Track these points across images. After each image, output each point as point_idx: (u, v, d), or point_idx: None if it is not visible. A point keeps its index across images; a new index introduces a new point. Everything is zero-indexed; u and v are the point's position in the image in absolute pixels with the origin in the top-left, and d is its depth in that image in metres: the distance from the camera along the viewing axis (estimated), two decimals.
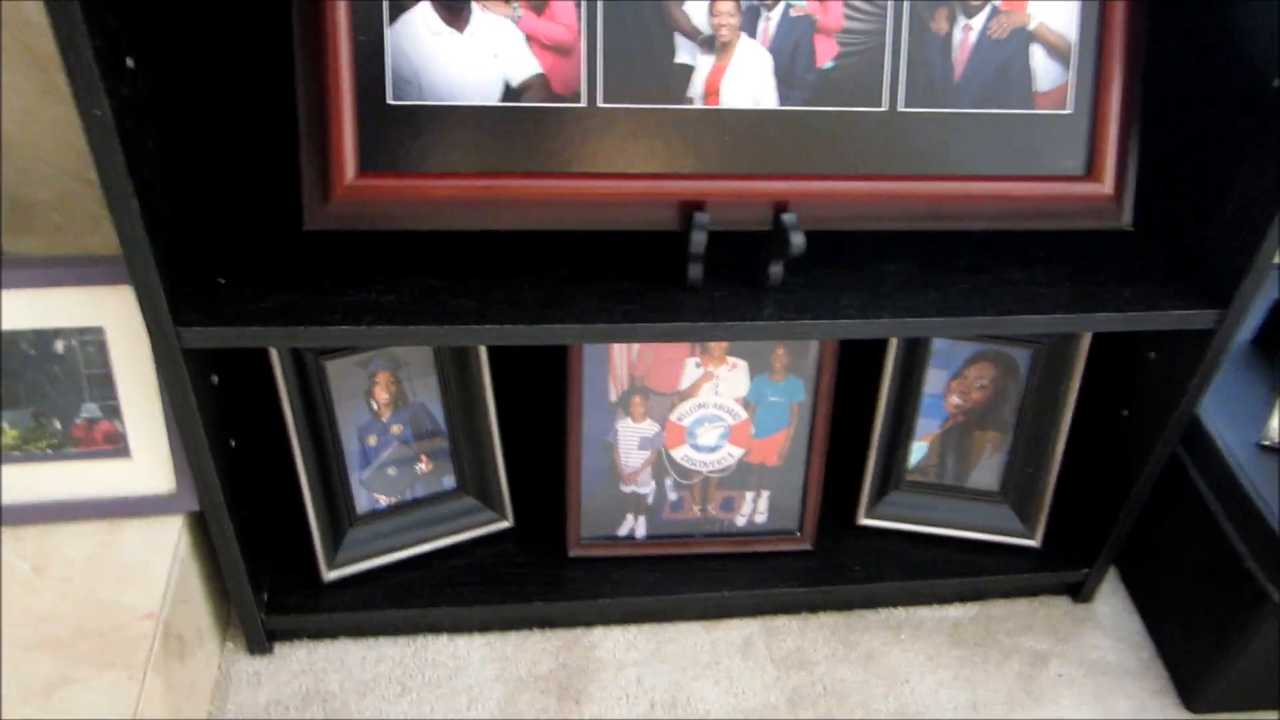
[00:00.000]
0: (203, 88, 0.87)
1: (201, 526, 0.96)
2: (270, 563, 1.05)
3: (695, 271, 0.86)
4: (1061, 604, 1.16)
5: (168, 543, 0.92)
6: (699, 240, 0.83)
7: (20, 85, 0.96)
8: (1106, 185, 0.89)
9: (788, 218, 0.84)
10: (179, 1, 0.83)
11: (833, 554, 1.12)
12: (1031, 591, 1.16)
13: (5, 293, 0.84)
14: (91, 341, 0.87)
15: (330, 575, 1.04)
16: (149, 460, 0.92)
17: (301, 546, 1.03)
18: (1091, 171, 0.89)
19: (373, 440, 1.04)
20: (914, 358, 1.07)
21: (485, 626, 1.08)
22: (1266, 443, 1.02)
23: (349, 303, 0.84)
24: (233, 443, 0.94)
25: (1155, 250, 0.97)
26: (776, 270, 0.87)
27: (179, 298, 0.81)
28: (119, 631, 0.85)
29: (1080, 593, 1.15)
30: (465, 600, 1.05)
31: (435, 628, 1.08)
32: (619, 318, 0.85)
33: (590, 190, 0.84)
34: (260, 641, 1.03)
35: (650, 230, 0.86)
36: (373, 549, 1.06)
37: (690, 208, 0.84)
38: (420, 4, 0.80)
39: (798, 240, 0.83)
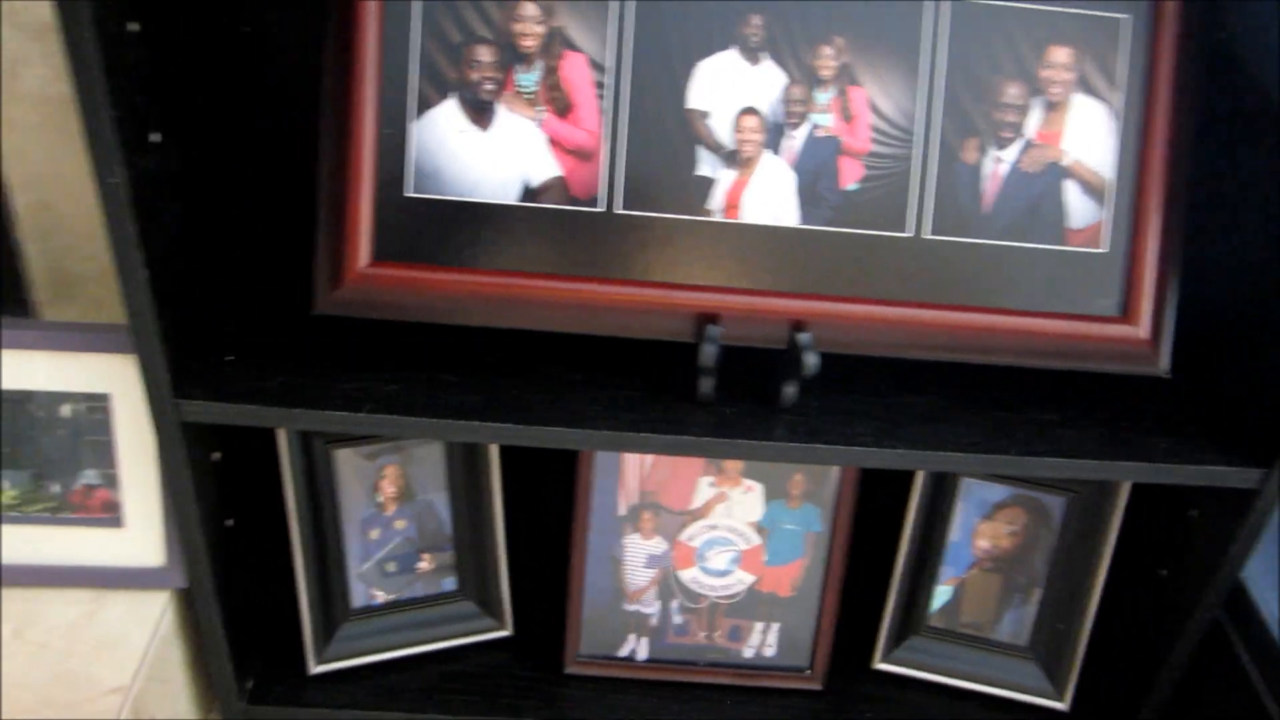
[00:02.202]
0: (226, 166, 0.89)
1: (189, 605, 0.94)
2: (257, 650, 1.03)
3: (706, 385, 0.84)
4: None
5: (150, 618, 0.90)
6: (709, 353, 0.81)
7: (71, 163, 0.99)
8: (1142, 329, 0.85)
9: (803, 337, 0.82)
10: (211, 84, 0.85)
11: (844, 697, 1.06)
12: None
13: (18, 353, 0.86)
14: (97, 408, 0.88)
15: (317, 669, 1.01)
16: (141, 532, 0.91)
17: (291, 636, 1.01)
18: (1127, 314, 0.85)
19: (375, 534, 1.02)
20: (941, 496, 1.03)
21: None
22: None
23: (352, 389, 0.83)
24: (229, 522, 0.93)
25: (1196, 401, 0.92)
26: (790, 390, 0.85)
27: (183, 371, 0.81)
28: (85, 705, 0.83)
29: None
30: (453, 709, 1.01)
31: None
32: (625, 426, 0.83)
33: (604, 295, 0.83)
34: None
35: (664, 340, 0.84)
36: (364, 646, 1.03)
37: (704, 320, 0.83)
38: (447, 102, 0.81)
39: (811, 361, 0.81)
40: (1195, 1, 0.83)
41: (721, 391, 0.86)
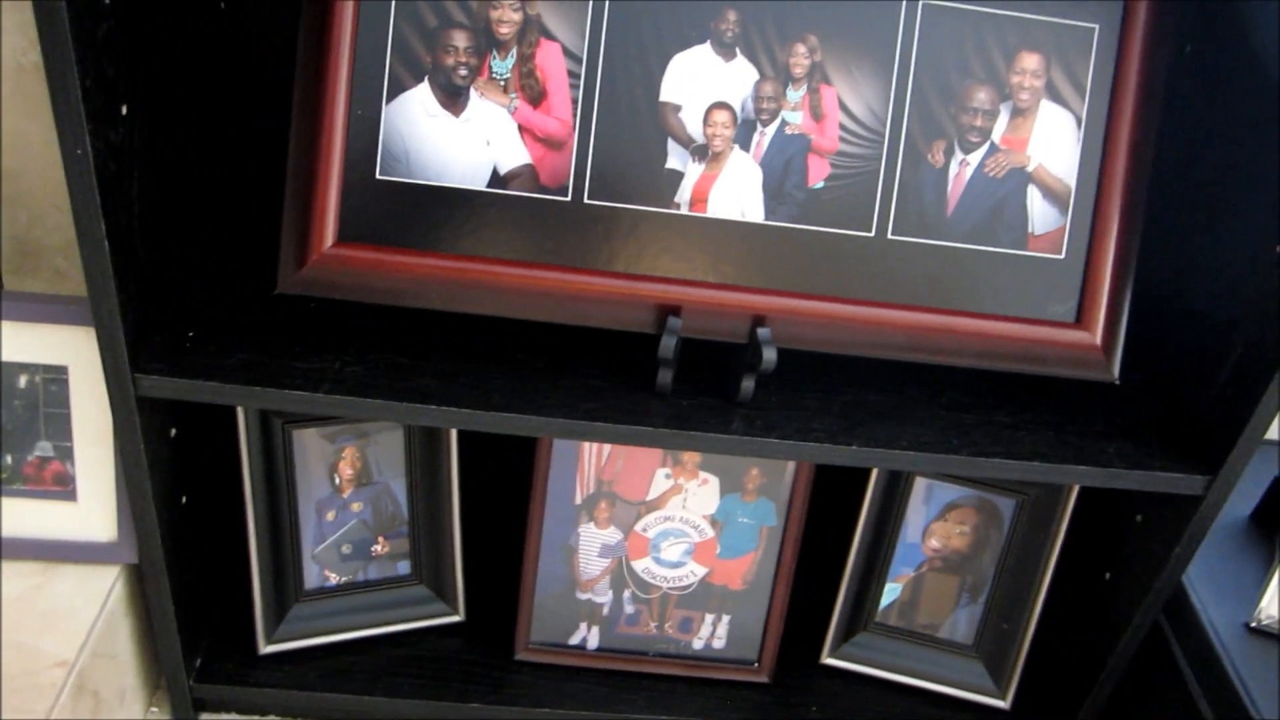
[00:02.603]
0: (196, 141, 0.88)
1: (139, 581, 0.94)
2: (207, 628, 1.02)
3: (664, 377, 0.85)
4: None
5: (99, 592, 0.90)
6: (668, 345, 0.82)
7: (41, 133, 0.98)
8: (1096, 335, 0.87)
9: (762, 332, 0.82)
10: (184, 59, 0.84)
11: (791, 691, 1.07)
12: None
13: None
14: (55, 380, 0.87)
15: (267, 649, 1.00)
16: (94, 506, 0.90)
17: (242, 616, 1.00)
18: (1081, 320, 0.87)
19: (331, 515, 1.02)
20: (895, 495, 1.04)
21: None
22: (1255, 624, 0.96)
23: (312, 369, 0.83)
24: (184, 499, 0.92)
25: (1147, 409, 0.94)
26: (748, 385, 0.85)
27: (142, 346, 0.81)
28: (28, 677, 0.82)
29: None
30: (402, 692, 1.01)
31: (368, 718, 1.03)
32: (583, 415, 0.83)
33: (567, 284, 0.83)
34: (186, 709, 1.00)
35: (626, 331, 0.85)
36: (315, 627, 1.03)
37: (667, 312, 0.83)
38: (420, 86, 0.81)
39: (770, 355, 0.81)
40: (1163, 15, 0.85)
41: (681, 384, 0.87)
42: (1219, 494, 0.88)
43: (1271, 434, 1.21)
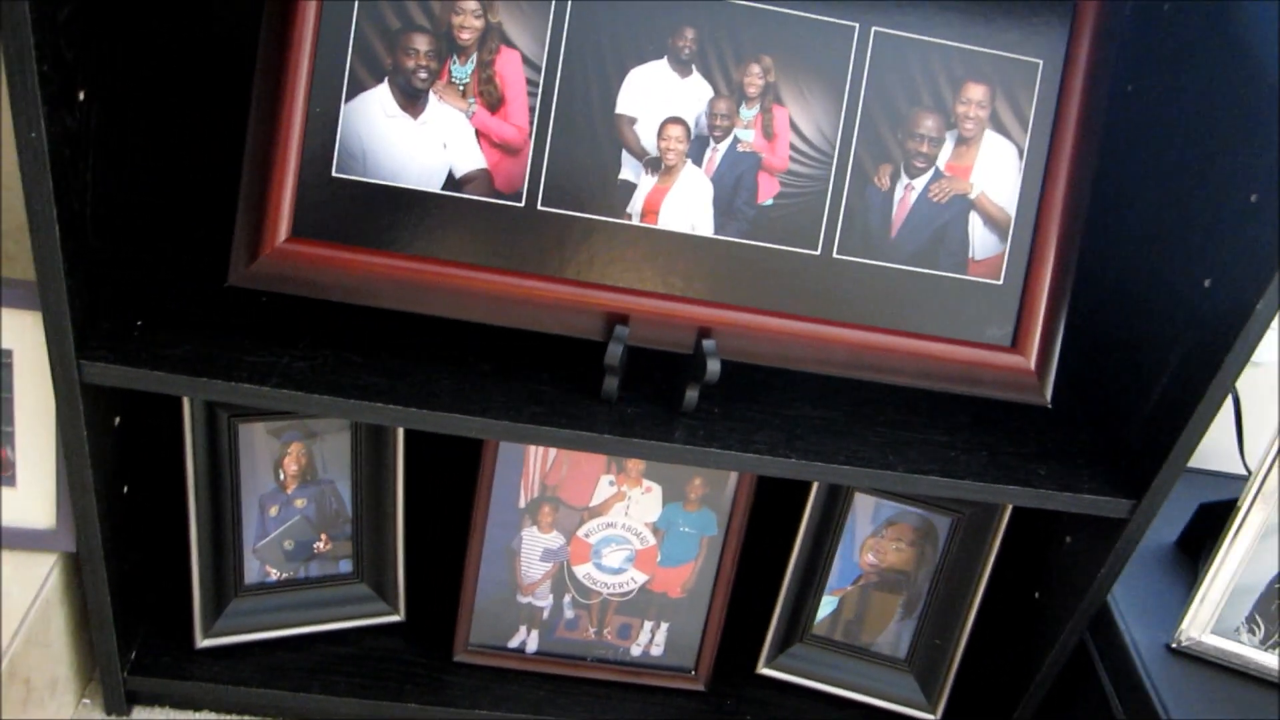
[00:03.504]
0: (153, 131, 0.88)
1: (77, 570, 0.93)
2: (144, 620, 1.02)
3: (610, 384, 0.86)
4: None
5: (35, 580, 0.89)
6: (614, 352, 0.83)
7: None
8: (1030, 360, 0.89)
9: (707, 344, 0.84)
10: (144, 49, 0.85)
11: (726, 699, 1.08)
12: None
13: None
14: None
15: (204, 643, 1.00)
16: (34, 493, 0.90)
17: (180, 609, 1.00)
18: (1016, 344, 0.89)
19: (274, 511, 1.02)
20: (834, 510, 1.06)
21: None
22: (1175, 645, 0.99)
23: (260, 363, 0.83)
24: (126, 489, 0.92)
25: (1078, 434, 0.97)
26: (692, 395, 0.87)
27: (88, 333, 0.81)
28: None
29: None
30: (339, 690, 1.01)
31: (304, 715, 1.03)
32: (528, 419, 0.84)
33: (518, 289, 0.84)
34: (119, 701, 0.99)
35: (574, 338, 0.86)
36: (254, 622, 1.03)
37: (614, 320, 0.85)
38: (379, 86, 0.82)
39: (714, 367, 0.83)
40: (1103, 56, 0.88)
41: (627, 392, 0.88)
42: (1144, 518, 0.91)
43: (1199, 463, 1.25)
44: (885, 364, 0.88)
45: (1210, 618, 0.99)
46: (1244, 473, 1.20)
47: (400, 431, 1.01)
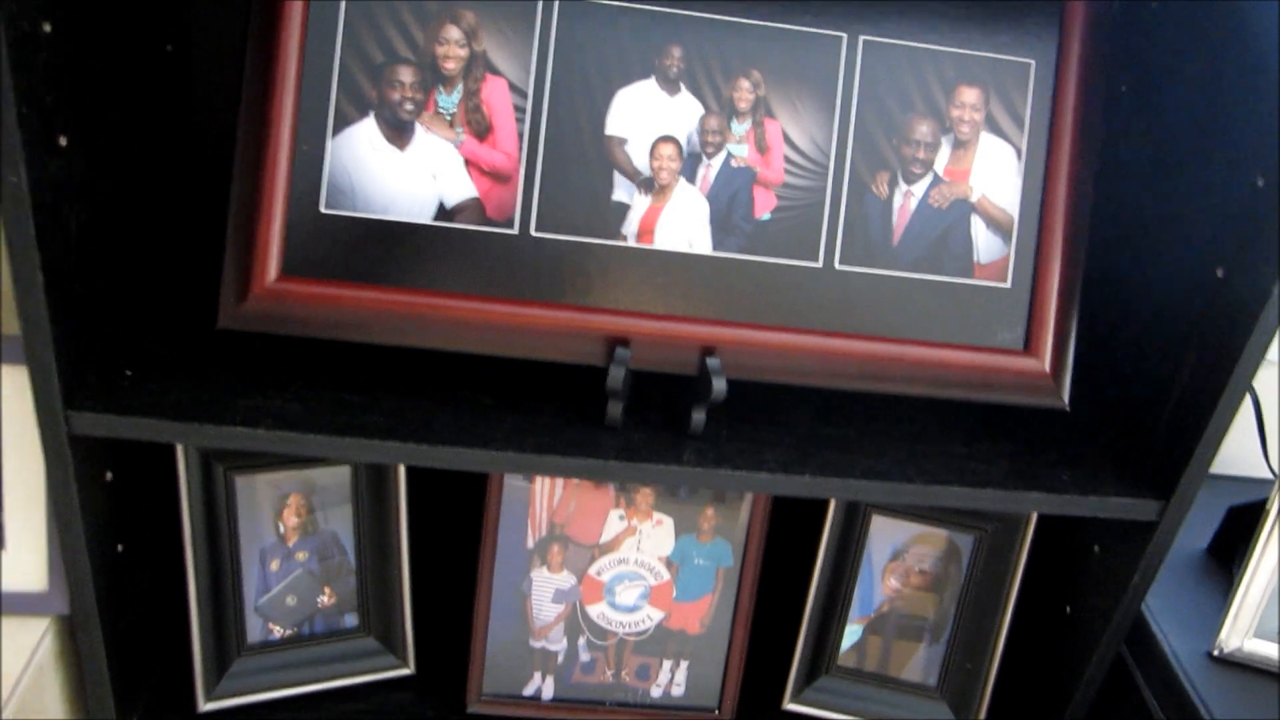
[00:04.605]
0: (136, 176, 0.86)
1: (71, 634, 0.90)
2: (144, 685, 0.98)
3: (614, 410, 0.84)
4: None
5: (26, 646, 0.86)
6: (616, 376, 0.81)
7: None
8: (1044, 362, 0.87)
9: (712, 362, 0.82)
10: (126, 93, 0.84)
11: None
12: None
13: None
14: None
15: (207, 706, 0.97)
16: (24, 554, 0.87)
17: (181, 671, 0.97)
18: (1029, 347, 0.87)
19: (275, 565, 0.99)
20: (852, 535, 1.03)
21: None
22: (1217, 653, 0.96)
23: (253, 406, 0.81)
24: (120, 547, 0.89)
25: (1100, 438, 0.94)
26: (699, 417, 0.84)
27: (76, 383, 0.78)
28: None
29: None
30: None
31: None
32: (531, 448, 0.82)
33: (515, 316, 0.82)
34: None
35: (575, 364, 0.84)
36: (259, 683, 0.99)
37: (615, 344, 0.82)
38: (365, 120, 0.81)
39: (719, 386, 0.81)
40: (1096, 54, 0.87)
41: (632, 418, 0.86)
42: (1173, 519, 0.88)
43: (1223, 469, 1.23)
44: (896, 374, 0.86)
45: (1251, 622, 0.96)
46: (1270, 476, 1.17)
47: (402, 478, 0.98)
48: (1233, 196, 0.82)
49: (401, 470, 0.98)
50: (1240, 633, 0.95)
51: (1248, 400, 1.12)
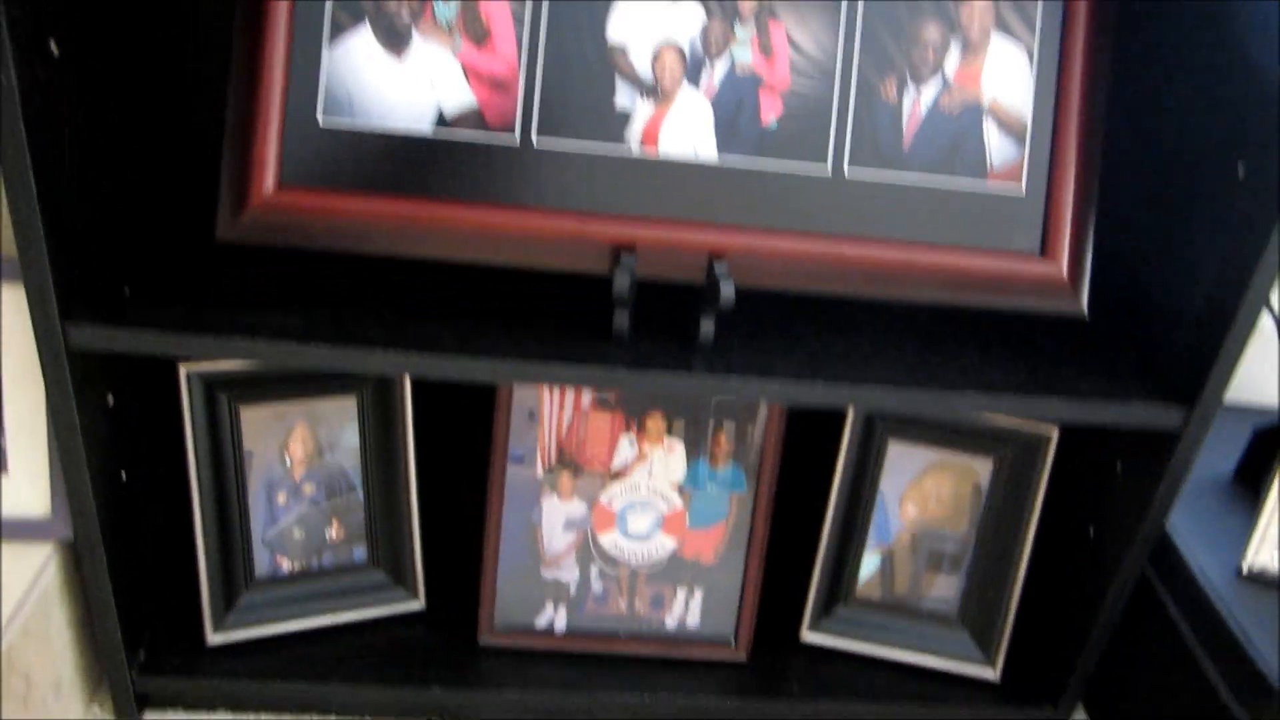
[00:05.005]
0: (131, 86, 0.85)
1: (78, 565, 0.89)
2: (151, 618, 0.97)
3: (620, 319, 0.82)
4: None
5: (30, 570, 0.85)
6: (622, 282, 0.79)
7: None
8: (1061, 267, 0.85)
9: (719, 267, 0.80)
10: (121, 4, 0.82)
11: (770, 669, 1.02)
12: None
13: None
14: None
15: (215, 639, 0.96)
16: (26, 478, 0.86)
17: (189, 605, 0.95)
18: (1046, 252, 0.85)
19: (282, 498, 0.97)
20: (868, 460, 1.01)
21: (379, 711, 0.99)
22: (1245, 570, 0.93)
23: (255, 322, 0.79)
24: (124, 475, 0.88)
25: (1119, 345, 0.92)
26: (707, 326, 0.82)
27: (74, 299, 0.77)
28: None
29: None
30: (361, 679, 0.96)
31: (324, 708, 0.98)
32: (536, 357, 0.80)
33: (518, 224, 0.81)
34: (129, 705, 0.94)
35: (580, 274, 0.82)
36: (267, 616, 0.98)
37: (620, 251, 0.81)
38: (361, 28, 0.80)
39: (727, 291, 0.79)
40: None
41: (639, 331, 0.84)
42: (1197, 429, 0.85)
43: (1247, 398, 1.20)
44: (908, 279, 0.83)
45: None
46: None
47: (409, 407, 0.97)
48: (1253, 85, 0.80)
49: (408, 399, 0.96)
50: (1269, 548, 0.93)
51: (1271, 331, 1.10)
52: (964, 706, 1.02)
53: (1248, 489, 1.05)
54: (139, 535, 0.93)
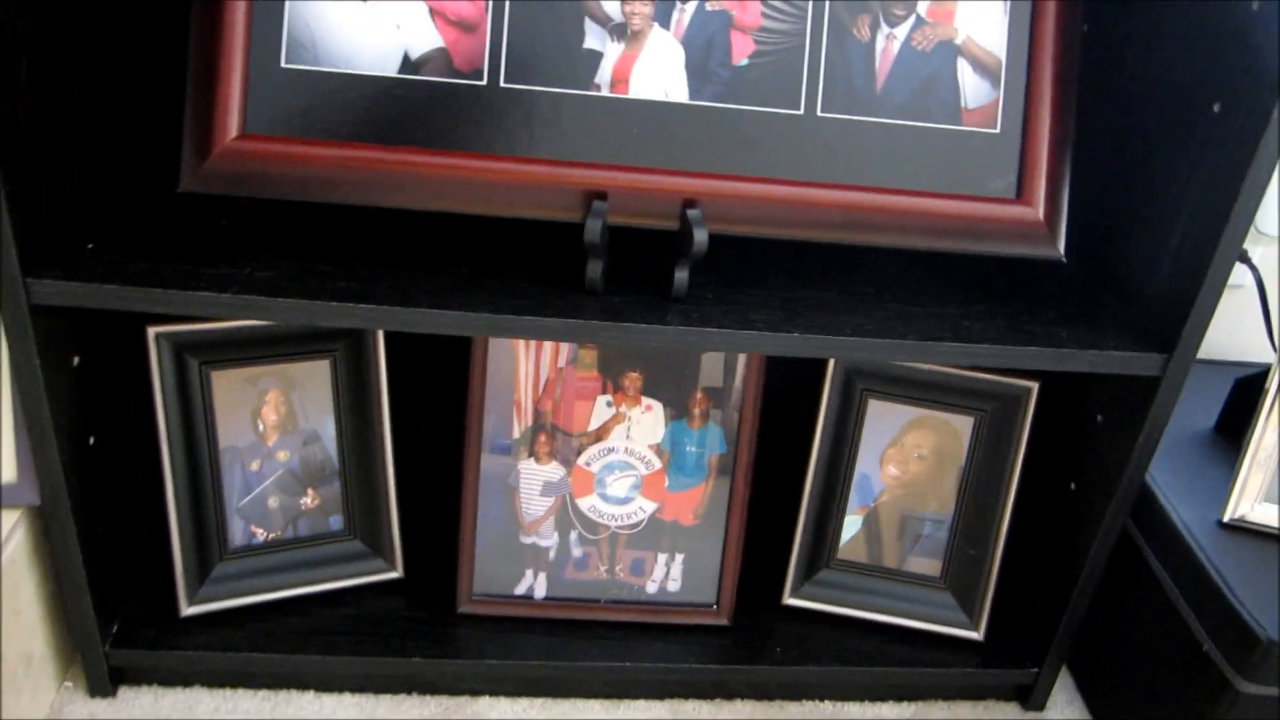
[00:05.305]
0: (89, 33, 0.83)
1: (47, 534, 0.87)
2: (124, 591, 0.95)
3: (594, 269, 0.81)
4: (1010, 711, 1.04)
5: None
6: (594, 228, 0.78)
7: None
8: (1037, 210, 0.84)
9: (693, 213, 0.79)
10: None
11: (753, 633, 1.01)
12: (976, 694, 1.04)
13: None
14: None
15: (189, 610, 0.94)
16: None
17: (162, 575, 0.94)
18: (1022, 195, 0.84)
19: (255, 465, 0.96)
20: (848, 420, 1.00)
21: (357, 684, 0.97)
22: (1226, 519, 0.92)
23: (221, 275, 0.78)
24: (92, 440, 0.87)
25: (1097, 292, 0.91)
26: (682, 276, 0.81)
27: (36, 253, 0.76)
28: None
29: (1030, 699, 1.03)
30: (338, 650, 0.94)
31: (301, 681, 0.96)
32: (509, 310, 0.79)
33: (487, 171, 0.80)
34: (102, 680, 0.92)
35: (552, 222, 0.81)
36: (242, 587, 0.96)
37: (592, 197, 0.80)
38: None
39: (700, 236, 0.78)
40: None
41: (613, 284, 0.83)
42: (1176, 375, 0.85)
43: (1228, 355, 1.20)
44: (884, 224, 0.83)
45: (1261, 486, 0.92)
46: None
47: (383, 369, 0.96)
48: (1227, 21, 0.79)
49: (382, 362, 0.95)
50: (1251, 497, 0.92)
51: (1250, 284, 1.10)
52: (949, 668, 1.00)
53: (1229, 441, 1.04)
54: (109, 503, 0.91)
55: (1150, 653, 0.95)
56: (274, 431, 0.96)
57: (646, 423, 0.96)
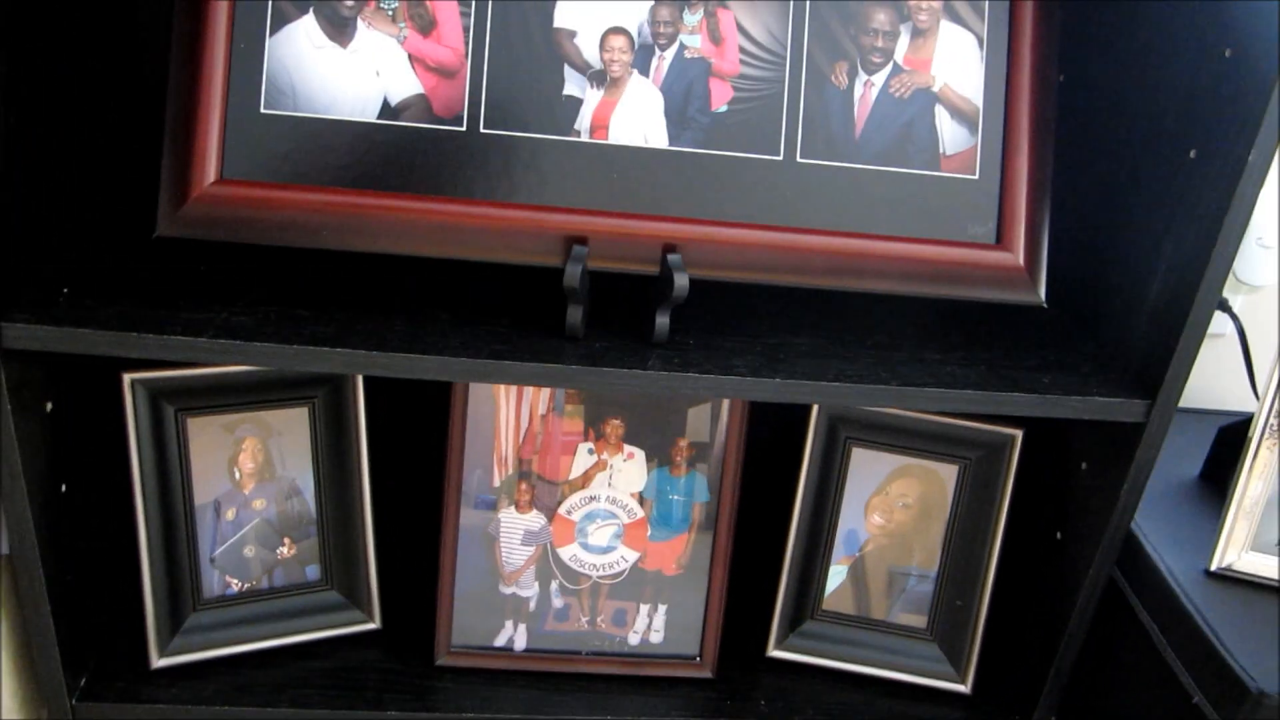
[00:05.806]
0: (67, 77, 0.83)
1: (14, 583, 0.85)
2: (93, 642, 0.93)
3: (574, 315, 0.80)
4: None
5: None
6: (573, 273, 0.77)
7: None
8: (1017, 255, 0.84)
9: (673, 258, 0.79)
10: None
11: (737, 687, 0.99)
12: None
13: None
14: None
15: (160, 662, 0.92)
16: None
17: (133, 626, 0.92)
18: (1002, 240, 0.84)
19: (230, 514, 0.94)
20: (831, 468, 0.99)
21: None
22: (1213, 568, 0.91)
23: (197, 319, 0.77)
24: (64, 487, 0.85)
25: (1079, 339, 0.91)
26: (663, 321, 0.81)
27: (10, 298, 0.75)
28: None
29: None
30: (312, 703, 0.92)
31: None
32: (488, 355, 0.78)
33: (467, 216, 0.79)
34: None
35: (532, 267, 0.80)
36: (215, 638, 0.94)
37: (572, 242, 0.79)
38: (304, 17, 0.79)
39: (681, 281, 0.77)
40: None
41: (593, 329, 0.83)
42: (1160, 421, 0.84)
43: (1210, 404, 1.19)
44: (865, 269, 0.82)
45: (1247, 535, 0.91)
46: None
47: (363, 418, 0.95)
48: (1203, 67, 0.80)
49: (361, 409, 0.94)
50: (1238, 545, 0.91)
51: (1232, 335, 1.10)
52: None
53: (1214, 489, 1.03)
54: (80, 552, 0.89)
55: (1139, 704, 0.93)
56: (251, 479, 0.95)
57: (628, 470, 0.95)
